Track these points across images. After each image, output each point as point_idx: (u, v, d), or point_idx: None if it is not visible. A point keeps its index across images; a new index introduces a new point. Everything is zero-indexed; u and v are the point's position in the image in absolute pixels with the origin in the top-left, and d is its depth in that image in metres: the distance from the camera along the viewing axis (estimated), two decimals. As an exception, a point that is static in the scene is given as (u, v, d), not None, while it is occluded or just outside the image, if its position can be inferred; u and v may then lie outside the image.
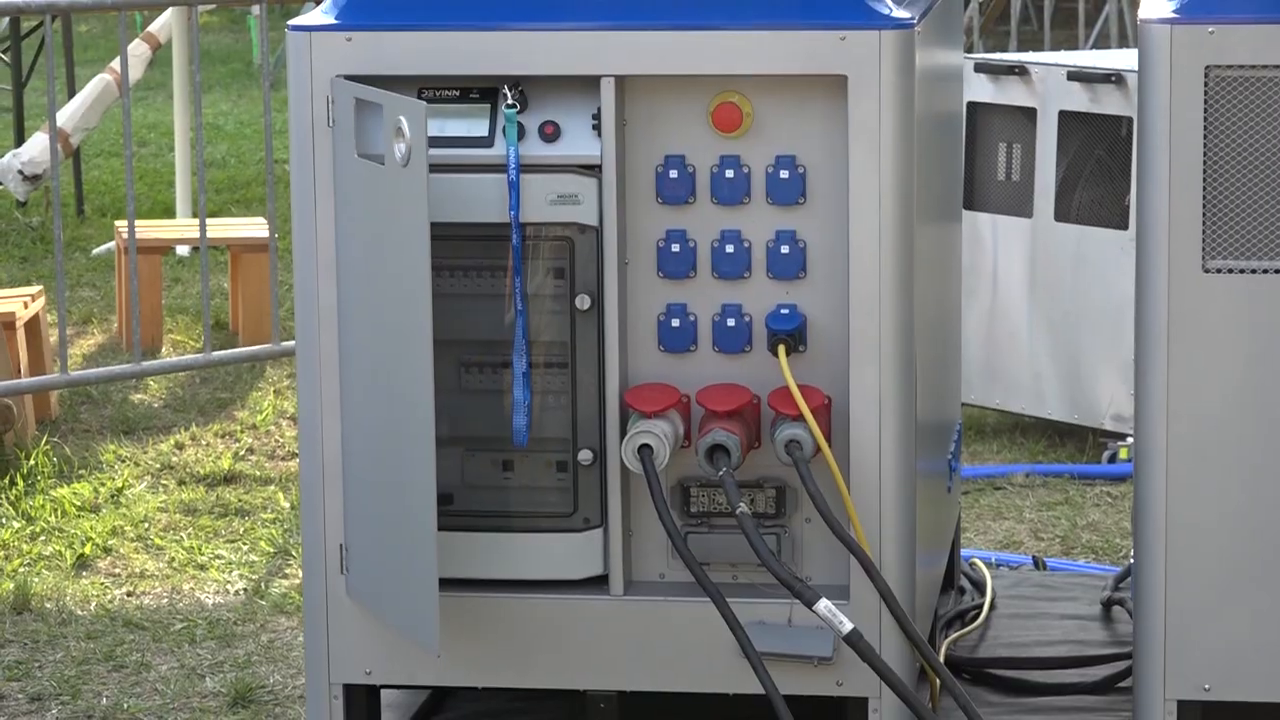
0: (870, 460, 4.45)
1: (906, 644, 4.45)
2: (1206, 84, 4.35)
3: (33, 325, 8.35)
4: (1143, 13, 4.49)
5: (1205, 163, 4.36)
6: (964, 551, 5.70)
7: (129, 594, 6.68)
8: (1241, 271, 4.40)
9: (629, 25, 4.43)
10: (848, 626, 4.33)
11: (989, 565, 5.70)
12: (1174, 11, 4.40)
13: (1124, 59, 5.74)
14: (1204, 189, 4.37)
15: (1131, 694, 4.59)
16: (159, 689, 5.95)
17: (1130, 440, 4.50)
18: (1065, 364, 7.78)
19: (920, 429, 4.59)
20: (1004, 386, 7.94)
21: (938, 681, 4.65)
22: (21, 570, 6.85)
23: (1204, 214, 4.38)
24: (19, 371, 8.03)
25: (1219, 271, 4.40)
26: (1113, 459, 7.45)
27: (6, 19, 12.34)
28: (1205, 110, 4.36)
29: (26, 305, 8.35)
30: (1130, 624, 4.64)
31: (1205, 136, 4.36)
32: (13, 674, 6.05)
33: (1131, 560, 4.61)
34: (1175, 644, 4.47)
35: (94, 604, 6.58)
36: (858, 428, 4.45)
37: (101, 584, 6.75)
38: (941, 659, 5.01)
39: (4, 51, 12.57)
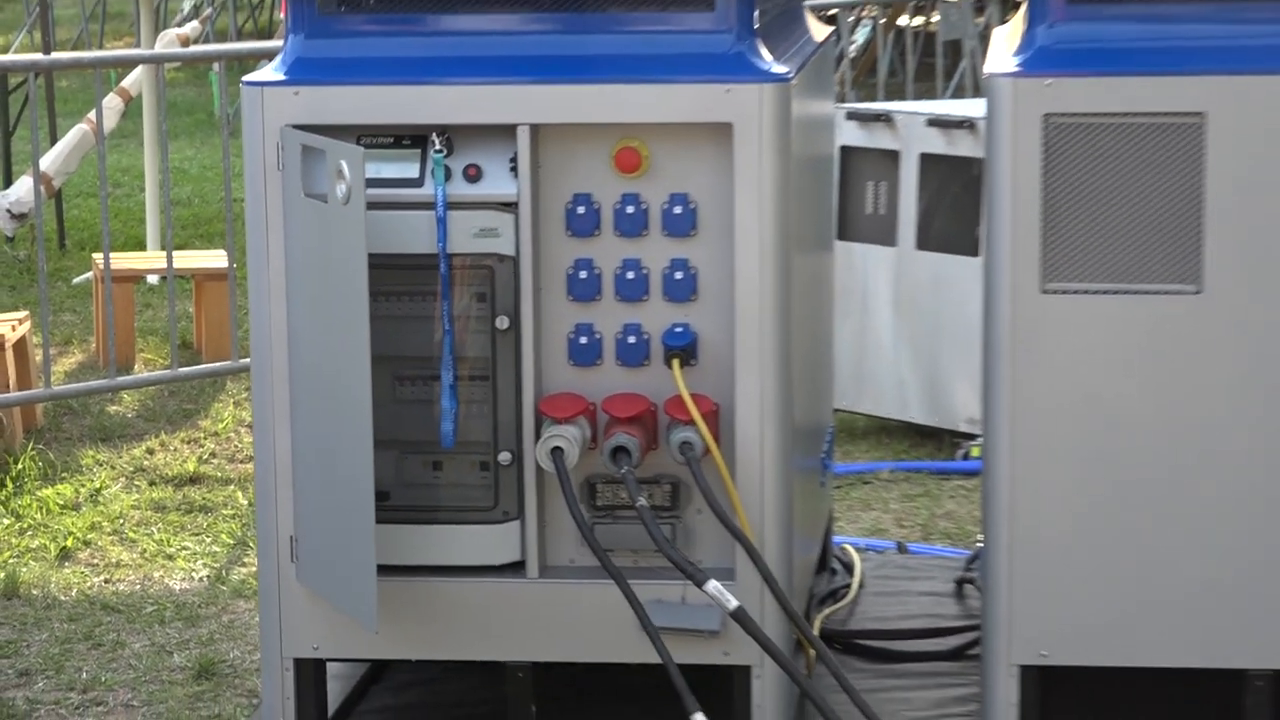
0: (753, 459, 4.45)
1: (785, 619, 4.45)
2: (1044, 129, 4.36)
3: (20, 346, 8.30)
4: (989, 68, 4.51)
5: (1044, 198, 4.38)
6: (836, 538, 5.71)
7: (106, 581, 6.65)
8: (1075, 293, 4.42)
9: (542, 80, 4.43)
10: (733, 604, 4.33)
11: (858, 550, 5.72)
12: (1016, 67, 4.42)
13: (976, 108, 5.79)
14: (1042, 221, 4.38)
15: (980, 660, 4.60)
16: (132, 664, 5.92)
17: (980, 440, 4.51)
18: (925, 374, 7.80)
19: (797, 431, 4.60)
20: (872, 393, 7.95)
21: (813, 651, 4.65)
22: (11, 561, 6.81)
23: (1043, 242, 4.40)
24: (8, 386, 7.99)
25: (1056, 293, 4.42)
26: (966, 456, 7.47)
27: (-5, 75, 12.28)
28: (1044, 152, 4.37)
29: (14, 328, 8.31)
30: (979, 599, 4.65)
31: (1044, 175, 4.37)
32: (3, 652, 6.02)
33: (980, 544, 4.62)
34: (1017, 616, 4.48)
35: (75, 590, 6.55)
36: (742, 431, 4.45)
37: (82, 573, 6.72)
38: (816, 632, 5.02)
39: (-7, 103, 12.48)
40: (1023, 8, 4.56)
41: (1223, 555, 4.45)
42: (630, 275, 4.46)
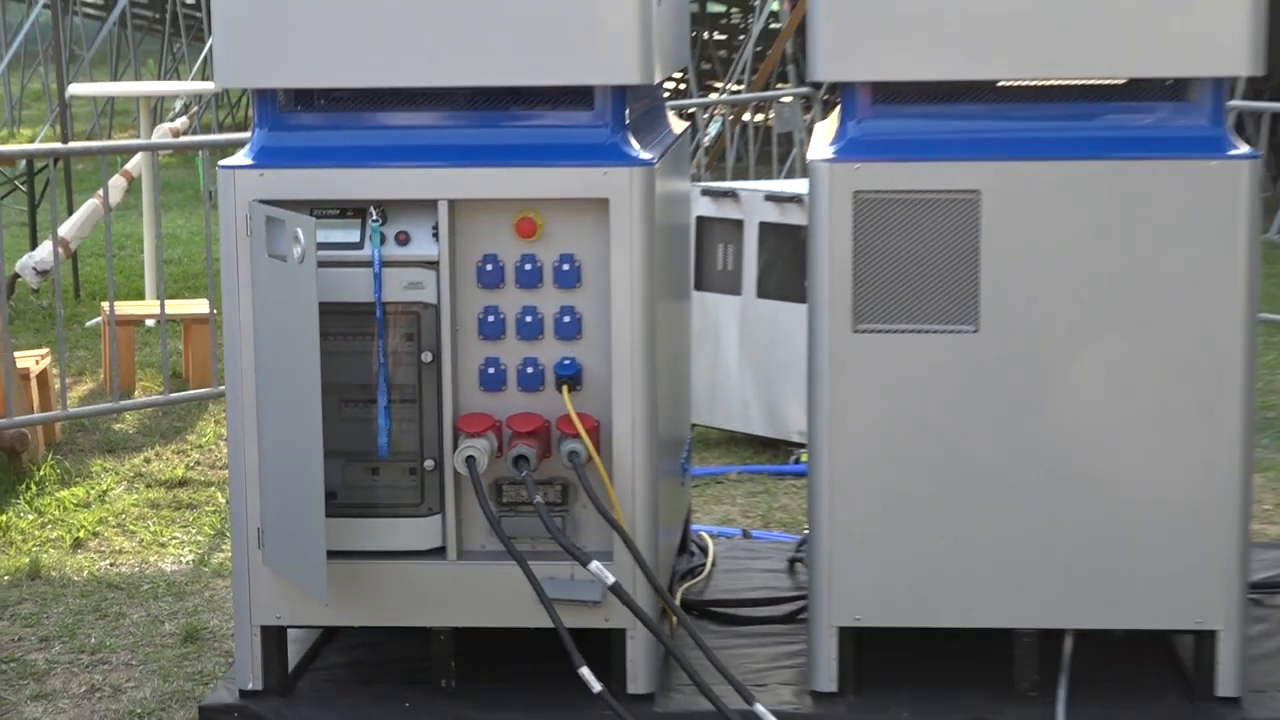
0: (627, 465, 4.46)
1: (652, 591, 4.46)
2: (854, 203, 4.38)
3: (42, 376, 8.22)
4: (811, 155, 4.53)
5: (854, 257, 4.39)
6: (693, 526, 5.70)
7: (111, 565, 6.58)
8: (879, 331, 4.44)
9: (457, 164, 4.43)
10: (611, 579, 4.34)
11: (711, 536, 5.71)
12: (832, 154, 4.45)
13: (803, 186, 5.85)
14: (853, 275, 4.40)
15: (807, 623, 4.62)
16: (131, 631, 5.87)
17: (806, 448, 4.52)
18: (764, 395, 7.79)
19: (662, 442, 4.61)
20: (722, 411, 7.94)
21: (674, 618, 4.66)
22: (34, 549, 6.75)
23: (854, 292, 4.41)
24: (32, 409, 7.92)
25: (864, 331, 4.43)
26: (796, 461, 7.46)
27: (24, 160, 12.19)
28: (854, 221, 4.39)
29: (37, 362, 8.23)
30: (807, 575, 4.66)
31: (854, 239, 4.39)
32: (27, 622, 5.96)
33: (807, 531, 4.64)
34: (835, 587, 4.50)
35: (85, 572, 6.48)
36: (618, 442, 4.46)
37: (91, 558, 6.65)
38: (677, 602, 5.01)
39: (21, 182, 12.37)
40: (838, 108, 4.59)
41: (994, 539, 4.47)
42: (528, 319, 4.46)
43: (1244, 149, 4.38)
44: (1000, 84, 4.47)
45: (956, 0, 4.36)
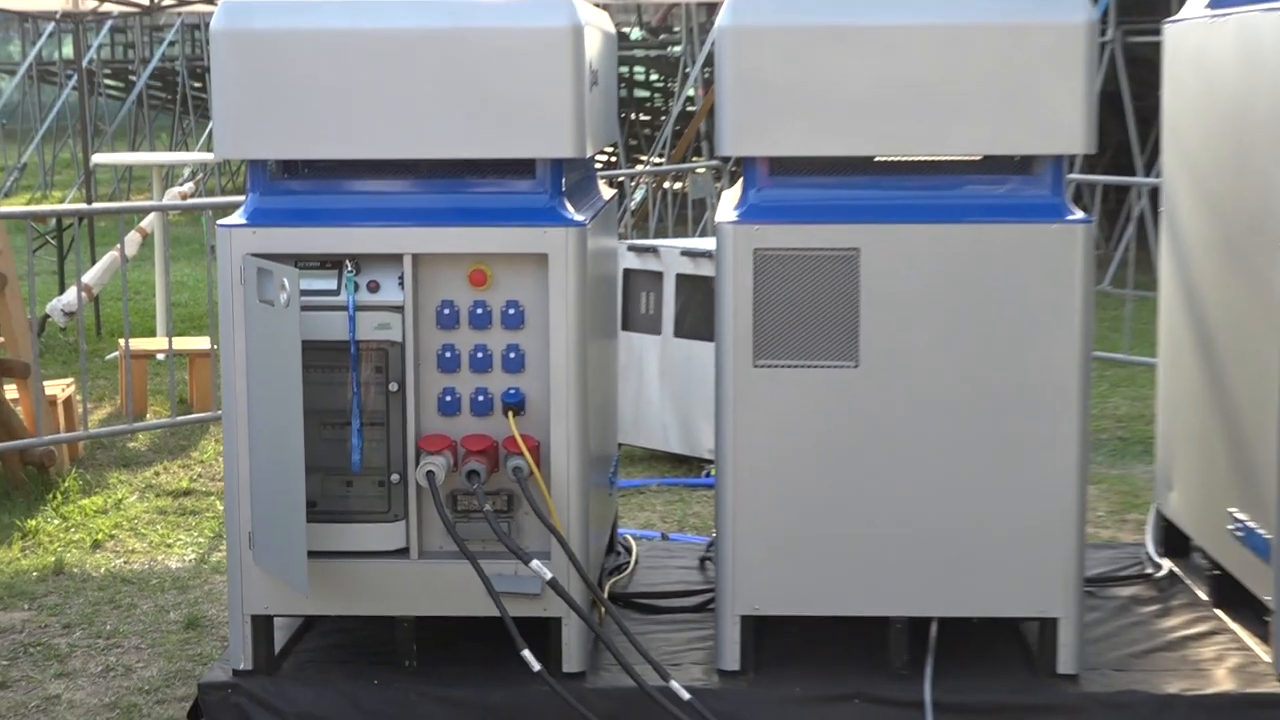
0: (563, 478, 4.43)
1: (584, 585, 4.43)
2: (755, 259, 4.38)
3: (68, 402, 8.14)
4: (718, 217, 4.53)
5: (754, 304, 4.39)
6: (619, 529, 5.68)
7: (124, 562, 6.51)
8: (775, 366, 4.43)
9: (419, 224, 4.40)
10: (549, 575, 4.32)
11: (635, 538, 5.69)
12: (736, 217, 4.45)
13: (713, 243, 5.83)
14: (753, 318, 4.39)
15: (715, 612, 4.60)
16: (141, 619, 5.81)
17: (715, 463, 4.54)
18: (680, 420, 7.80)
19: (592, 459, 4.57)
20: (644, 432, 7.93)
21: (603, 607, 4.63)
22: (58, 549, 6.66)
23: (754, 333, 4.41)
24: (59, 429, 7.84)
25: (763, 366, 4.43)
26: (707, 475, 7.47)
27: (54, 218, 12.09)
28: (754, 274, 4.39)
29: (64, 390, 8.15)
30: (714, 571, 4.64)
31: (754, 289, 4.39)
32: (52, 612, 5.88)
33: (715, 534, 4.62)
34: (738, 582, 4.48)
35: (103, 569, 6.41)
36: (555, 459, 4.42)
37: (107, 557, 6.57)
38: (605, 594, 4.99)
39: (52, 237, 12.29)
40: (742, 178, 4.59)
41: (871, 541, 4.47)
42: (479, 355, 4.42)
43: (1079, 215, 4.40)
44: (876, 159, 4.47)
45: (839, 89, 4.36)
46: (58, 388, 8.20)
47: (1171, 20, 5.36)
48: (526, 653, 4.25)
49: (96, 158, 13.21)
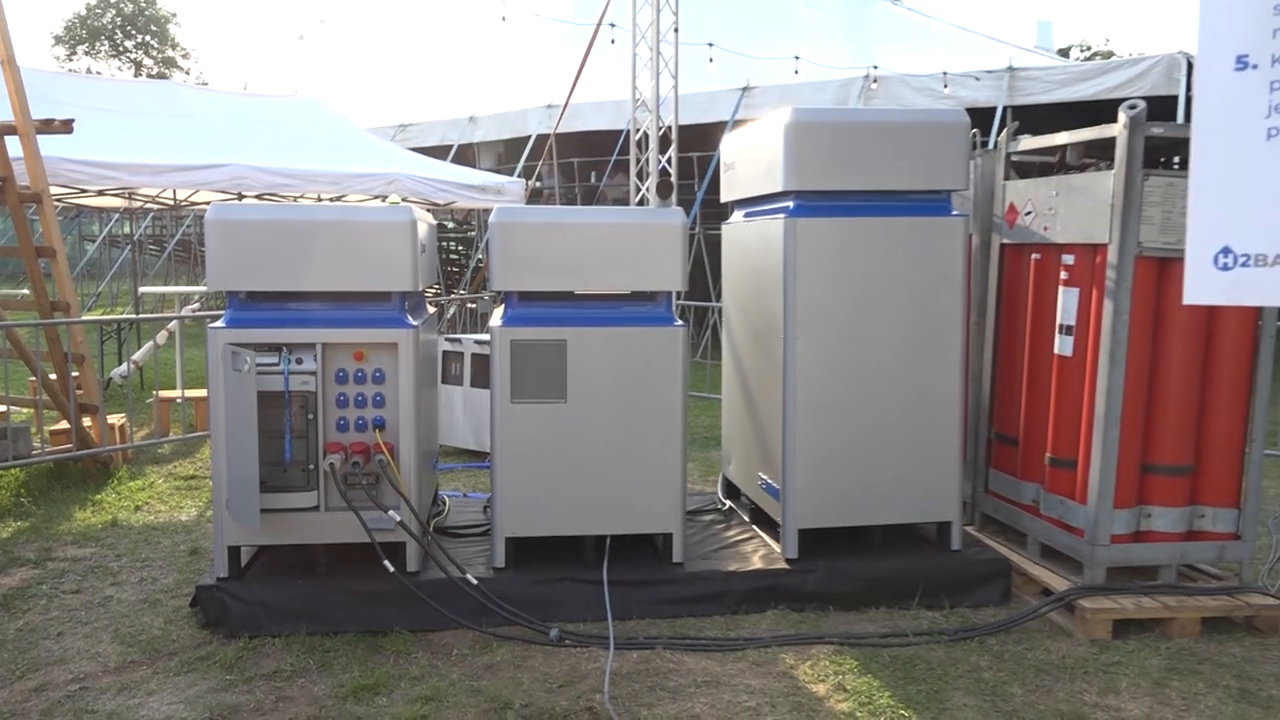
0: (407, 465, 4.36)
1: (418, 523, 4.39)
2: (511, 346, 4.34)
3: (122, 427, 7.66)
4: (491, 323, 4.45)
5: (511, 370, 4.36)
6: (440, 492, 5.59)
7: (155, 518, 6.15)
8: (524, 403, 4.41)
9: (327, 327, 4.32)
10: (399, 519, 4.27)
11: (448, 497, 5.61)
12: (501, 323, 4.39)
13: (490, 337, 5.71)
14: (511, 376, 4.38)
15: (491, 535, 4.53)
16: (163, 550, 5.49)
17: (492, 455, 4.46)
18: (474, 431, 7.69)
19: (423, 453, 4.52)
20: (455, 437, 7.82)
21: (429, 535, 4.56)
22: (114, 511, 6.27)
23: (511, 383, 4.38)
24: (116, 442, 7.37)
25: (517, 403, 4.41)
26: (488, 462, 7.32)
27: (115, 324, 11.27)
28: (511, 354, 4.36)
29: (119, 420, 7.67)
30: (492, 513, 4.55)
31: (511, 362, 4.36)
32: (109, 547, 5.52)
33: (491, 494, 4.54)
34: (505, 517, 4.30)
35: (141, 522, 6.04)
36: (404, 455, 4.35)
37: (144, 515, 6.20)
38: (430, 528, 4.91)
39: (114, 333, 11.48)
40: (504, 302, 4.58)
41: (570, 495, 4.44)
42: (360, 398, 4.35)
43: (680, 323, 4.50)
44: (576, 292, 4.51)
45: (556, 254, 4.41)
46: (116, 419, 7.70)
47: (727, 223, 5.59)
48: (386, 562, 4.21)
49: (142, 289, 12.44)
